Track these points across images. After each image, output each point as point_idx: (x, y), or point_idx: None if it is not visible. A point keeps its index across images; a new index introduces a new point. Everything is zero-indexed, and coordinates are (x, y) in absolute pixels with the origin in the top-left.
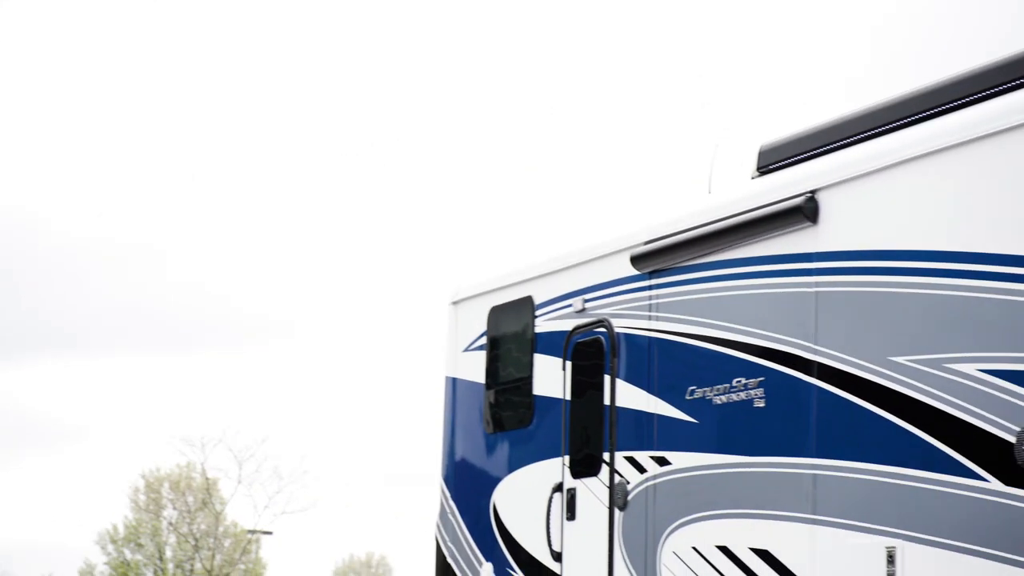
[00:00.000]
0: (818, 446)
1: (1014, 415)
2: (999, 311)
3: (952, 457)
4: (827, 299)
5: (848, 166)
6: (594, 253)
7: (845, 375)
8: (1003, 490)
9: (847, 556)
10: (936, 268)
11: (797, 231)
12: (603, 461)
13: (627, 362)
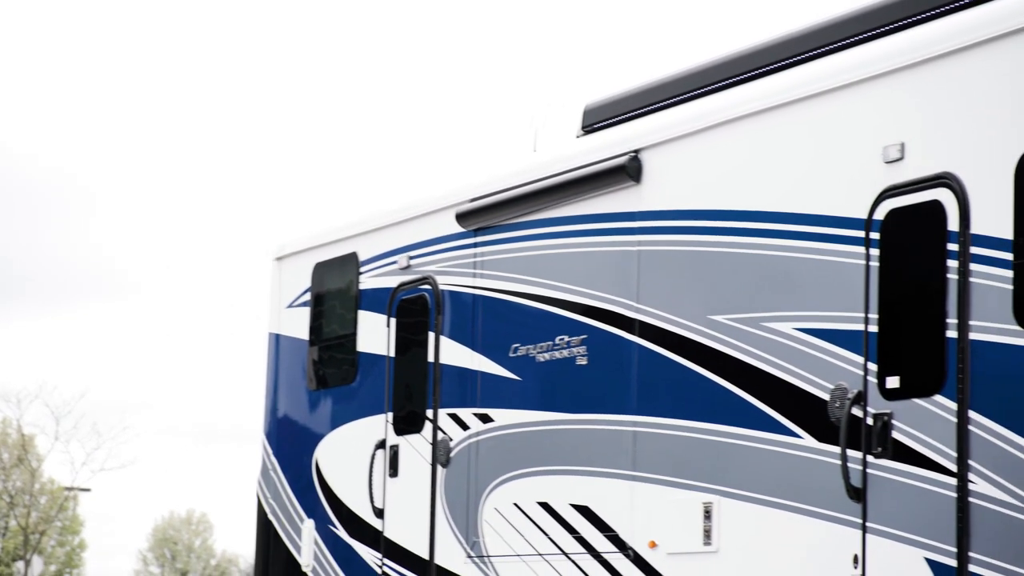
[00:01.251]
0: (639, 403)
1: (828, 373)
2: (815, 271)
3: (768, 414)
4: (649, 258)
5: (671, 127)
6: (420, 210)
7: (666, 333)
8: (816, 446)
9: (665, 511)
10: (755, 228)
11: (621, 190)
12: (426, 418)
13: (451, 319)
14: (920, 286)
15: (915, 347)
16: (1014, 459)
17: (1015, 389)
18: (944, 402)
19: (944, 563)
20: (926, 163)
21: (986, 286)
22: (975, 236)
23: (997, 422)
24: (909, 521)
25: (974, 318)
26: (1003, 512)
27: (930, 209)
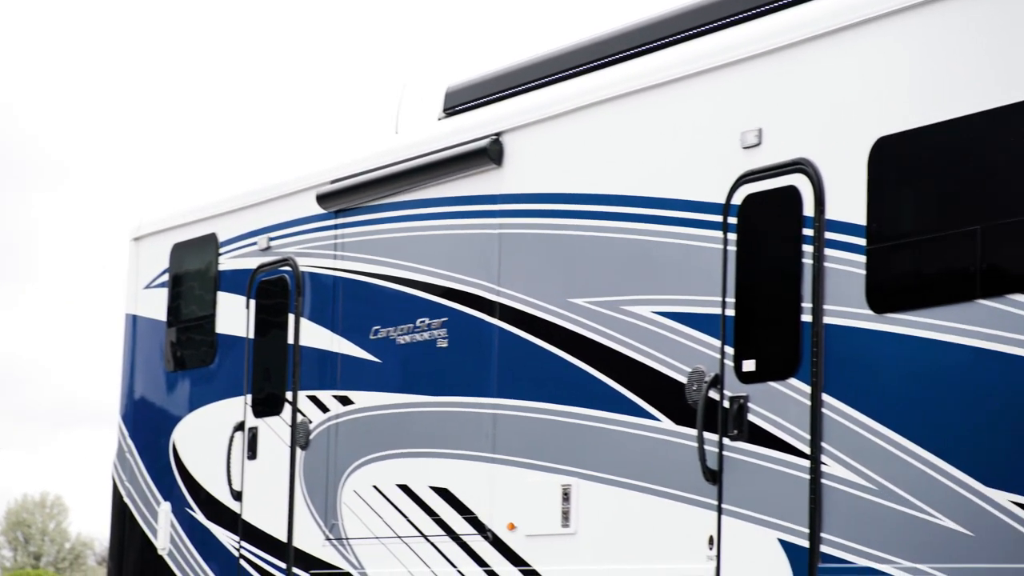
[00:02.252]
0: (499, 386)
1: (686, 356)
2: (674, 255)
3: (627, 397)
4: (510, 241)
5: (532, 110)
6: (280, 191)
7: (526, 316)
8: (674, 429)
9: (525, 494)
10: (615, 212)
11: (482, 173)
12: (285, 400)
13: (312, 301)
14: (776, 271)
15: (771, 331)
16: (866, 441)
17: (867, 373)
18: (799, 385)
19: (797, 544)
20: (783, 149)
21: (840, 271)
22: (830, 222)
23: (850, 405)
24: (764, 503)
25: (828, 303)
26: (854, 493)
27: (786, 194)
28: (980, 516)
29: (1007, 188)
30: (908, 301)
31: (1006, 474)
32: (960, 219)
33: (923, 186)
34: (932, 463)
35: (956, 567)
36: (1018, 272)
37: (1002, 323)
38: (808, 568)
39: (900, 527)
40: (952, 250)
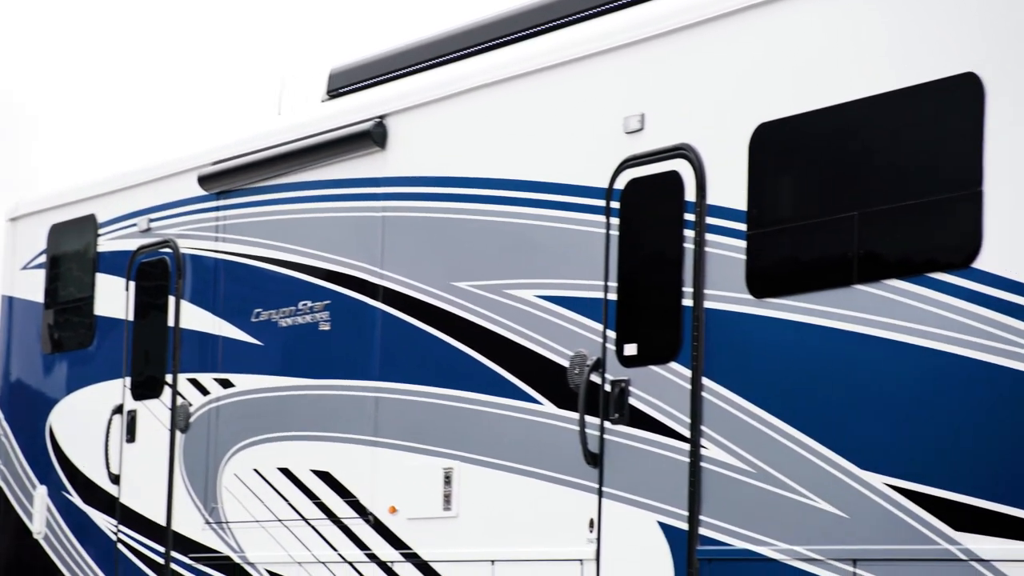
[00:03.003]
0: (381, 369)
1: (568, 340)
2: (557, 239)
3: (509, 381)
4: (394, 224)
5: (416, 93)
6: (161, 172)
7: (409, 299)
8: (556, 412)
9: (406, 477)
10: (498, 196)
11: (366, 156)
12: (165, 383)
13: (193, 283)
14: (658, 255)
15: (652, 315)
16: (744, 425)
17: (747, 357)
18: (679, 369)
19: (676, 526)
20: (665, 134)
21: (721, 256)
22: (711, 207)
23: (729, 389)
24: (644, 486)
25: (709, 287)
26: (733, 476)
27: (668, 180)
28: (855, 498)
29: (884, 175)
30: (787, 286)
31: (880, 457)
32: (838, 205)
33: (802, 172)
34: (809, 446)
35: (831, 548)
36: (894, 258)
37: (878, 308)
38: (687, 550)
39: (777, 509)
40: (830, 236)
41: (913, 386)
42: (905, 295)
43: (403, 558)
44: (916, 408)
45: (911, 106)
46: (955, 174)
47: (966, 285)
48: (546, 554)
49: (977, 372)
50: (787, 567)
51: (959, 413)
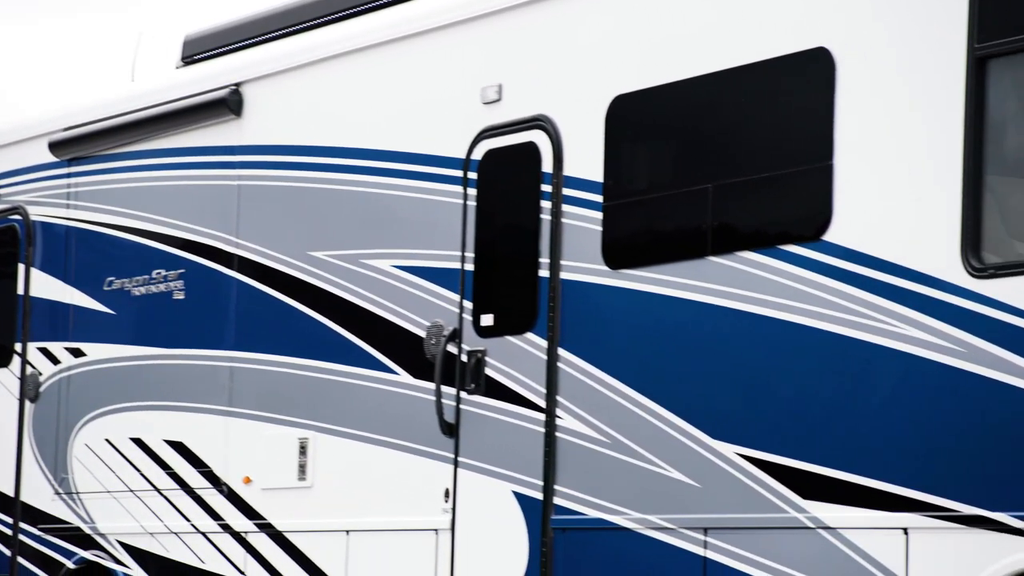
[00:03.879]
0: (236, 339)
1: (425, 311)
2: (414, 209)
3: (366, 351)
4: (249, 193)
5: (272, 60)
6: (9, 138)
7: (265, 269)
8: (412, 383)
9: (261, 447)
10: (355, 165)
11: (221, 123)
12: (14, 352)
13: (43, 251)
14: (514, 226)
15: (509, 286)
16: (599, 395)
17: (602, 328)
18: (535, 340)
19: (531, 496)
20: (522, 105)
21: (577, 227)
22: (568, 178)
23: (585, 360)
24: (499, 456)
25: (565, 258)
26: (588, 447)
27: (525, 151)
28: (707, 467)
29: (738, 148)
30: (642, 257)
31: (731, 427)
32: (693, 177)
33: (658, 144)
34: (662, 416)
35: (683, 517)
36: (747, 230)
37: (732, 280)
38: (541, 520)
39: (631, 479)
40: (685, 208)
41: (764, 357)
42: (758, 267)
43: (257, 528)
44: (767, 379)
45: (764, 80)
46: (807, 148)
47: (817, 257)
48: (401, 524)
49: (827, 343)
50: (640, 536)
51: (808, 384)
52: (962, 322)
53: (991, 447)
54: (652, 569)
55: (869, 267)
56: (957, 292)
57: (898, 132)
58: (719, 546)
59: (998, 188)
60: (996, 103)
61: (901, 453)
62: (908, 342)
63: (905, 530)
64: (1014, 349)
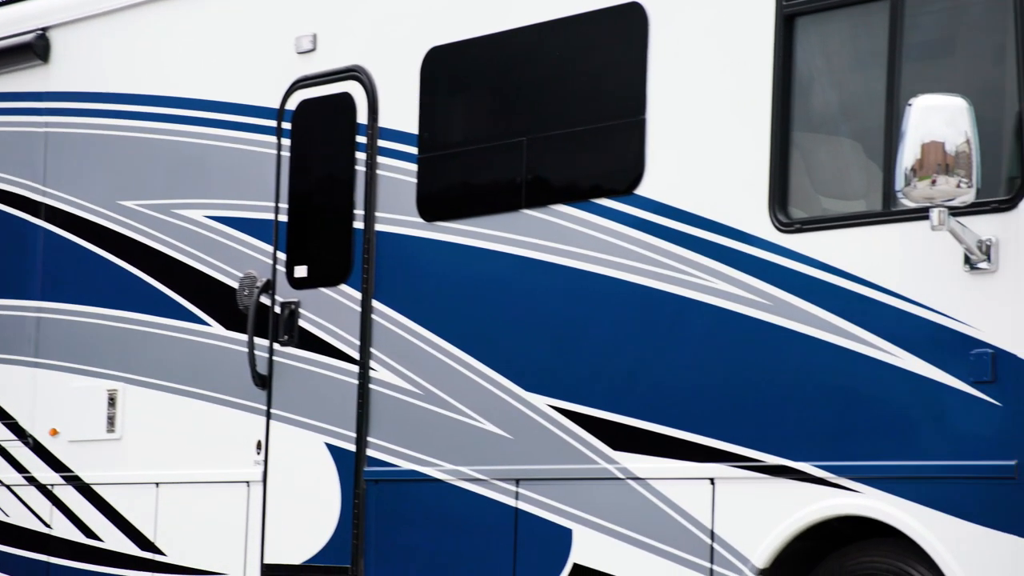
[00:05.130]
0: (43, 289)
1: (238, 262)
2: (227, 159)
3: (177, 302)
4: (57, 140)
5: (79, 5)
6: None
7: (73, 218)
8: (224, 334)
9: (70, 398)
10: (168, 114)
11: (27, 69)
12: None
13: None
14: (329, 178)
15: (323, 238)
16: (413, 347)
17: (417, 280)
18: (349, 292)
19: (344, 448)
20: (337, 55)
21: (392, 179)
22: (383, 130)
23: (399, 312)
24: (312, 408)
25: (380, 210)
26: (401, 398)
27: (340, 101)
28: (519, 419)
29: (552, 101)
30: (457, 210)
31: (544, 379)
32: (507, 131)
33: (473, 97)
34: (476, 368)
35: (496, 468)
36: (561, 183)
37: (545, 233)
38: (354, 472)
39: (444, 431)
40: (499, 161)
41: (577, 310)
42: (571, 220)
43: (64, 481)
44: (579, 331)
45: (579, 34)
46: (619, 103)
47: (629, 211)
48: (212, 476)
49: (638, 296)
50: (452, 487)
51: (619, 336)
52: (769, 276)
53: (795, 398)
54: (465, 520)
55: (680, 221)
56: (764, 246)
57: (709, 88)
58: (531, 497)
59: (805, 144)
60: (803, 60)
61: (708, 405)
62: (717, 295)
63: (712, 480)
64: (819, 302)
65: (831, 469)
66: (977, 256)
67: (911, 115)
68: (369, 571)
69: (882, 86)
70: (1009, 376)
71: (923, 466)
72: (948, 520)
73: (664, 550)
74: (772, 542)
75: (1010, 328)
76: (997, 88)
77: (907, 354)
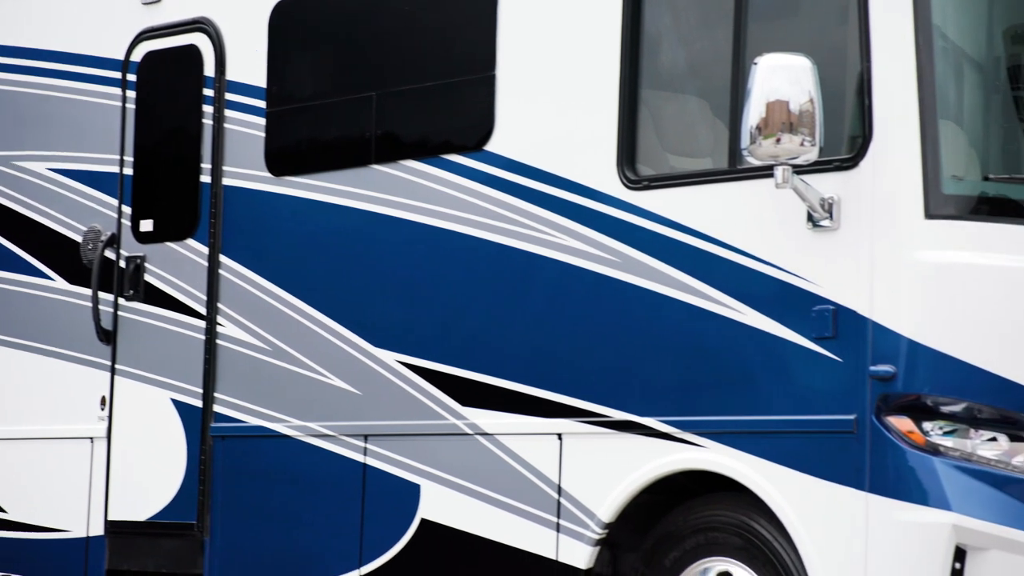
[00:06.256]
0: None
1: (82, 215)
2: (71, 111)
3: (20, 256)
4: None
5: None
6: None
7: None
8: (68, 289)
9: None
10: (7, 64)
11: None
12: None
13: None
14: (176, 131)
15: (170, 191)
16: (261, 302)
17: (265, 235)
18: (196, 246)
19: (190, 403)
20: (184, 7)
21: (240, 133)
22: (231, 83)
23: (247, 267)
24: (158, 363)
25: (228, 164)
26: (249, 354)
27: (186, 54)
28: (368, 375)
29: (403, 57)
30: (306, 165)
31: (393, 335)
32: (357, 85)
33: (322, 51)
34: (325, 324)
35: (344, 424)
36: (411, 139)
37: (395, 188)
38: (200, 427)
39: (292, 387)
40: (349, 116)
41: (426, 266)
42: (421, 176)
43: None
44: (428, 287)
45: None
46: (470, 58)
47: (479, 167)
48: (56, 432)
49: (487, 252)
50: (300, 443)
51: (468, 292)
52: (617, 232)
53: (642, 355)
54: (313, 476)
55: (529, 177)
56: (612, 203)
57: (559, 45)
58: (380, 453)
59: (653, 102)
60: (652, 19)
61: (556, 360)
62: (565, 251)
63: (559, 436)
64: (665, 259)
65: (676, 424)
66: (820, 214)
67: (756, 74)
68: (215, 527)
69: (728, 45)
70: (849, 332)
71: (766, 421)
72: (789, 474)
73: (512, 505)
74: (618, 497)
75: (851, 285)
76: (840, 48)
77: (751, 311)
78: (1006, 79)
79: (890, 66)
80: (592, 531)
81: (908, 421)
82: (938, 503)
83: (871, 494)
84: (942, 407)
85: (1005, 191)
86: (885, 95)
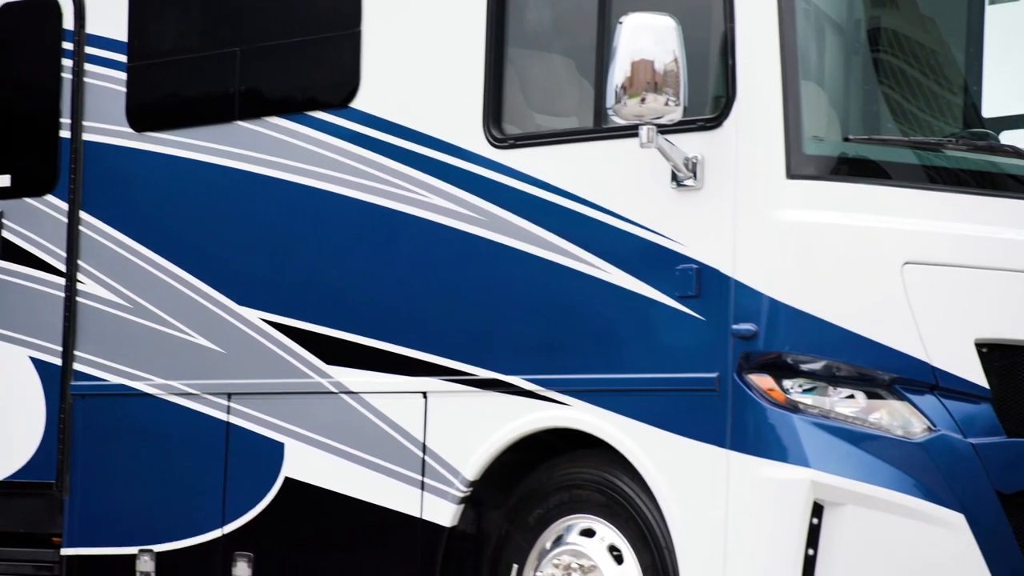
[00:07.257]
0: None
1: None
2: None
3: None
4: None
5: None
6: None
7: None
8: None
9: None
10: None
11: None
12: None
13: None
14: (34, 85)
15: (28, 147)
16: (123, 260)
17: (126, 191)
18: (56, 202)
19: (50, 362)
20: None
21: (101, 88)
22: (91, 36)
23: (108, 224)
24: (16, 321)
25: (88, 120)
26: (111, 312)
27: (44, 6)
28: (232, 333)
29: (267, 12)
30: (168, 120)
31: (257, 293)
32: (221, 41)
33: (185, 5)
34: (188, 282)
35: (208, 383)
36: (275, 95)
37: (259, 145)
38: (60, 386)
39: (154, 345)
40: (212, 71)
41: (290, 224)
42: (285, 132)
43: None
44: (292, 245)
45: None
46: (335, 14)
47: (344, 124)
48: None
49: (352, 210)
50: (163, 402)
51: (334, 250)
52: (482, 191)
53: (507, 313)
54: (176, 435)
55: (394, 135)
56: (479, 162)
57: (426, 2)
58: (243, 411)
59: (519, 60)
60: None
61: (422, 319)
62: (430, 210)
63: (424, 394)
64: (531, 218)
65: (541, 383)
66: (684, 173)
67: (621, 33)
68: (75, 487)
69: (594, 4)
70: (712, 291)
71: (629, 379)
72: (652, 431)
73: (377, 463)
74: (483, 455)
75: (714, 244)
76: (704, 8)
77: (616, 270)
78: (867, 41)
79: (753, 27)
80: (457, 489)
81: (769, 379)
82: (797, 460)
83: (732, 451)
84: (802, 365)
85: (865, 152)
86: (748, 56)
